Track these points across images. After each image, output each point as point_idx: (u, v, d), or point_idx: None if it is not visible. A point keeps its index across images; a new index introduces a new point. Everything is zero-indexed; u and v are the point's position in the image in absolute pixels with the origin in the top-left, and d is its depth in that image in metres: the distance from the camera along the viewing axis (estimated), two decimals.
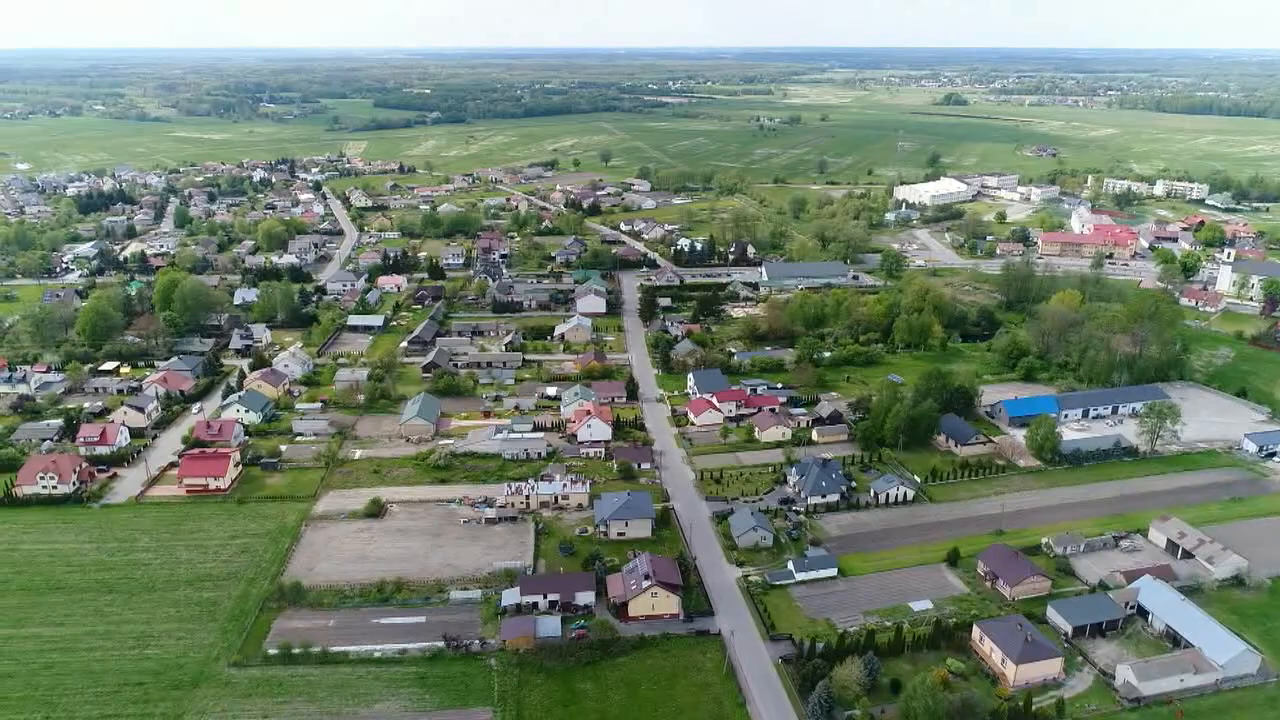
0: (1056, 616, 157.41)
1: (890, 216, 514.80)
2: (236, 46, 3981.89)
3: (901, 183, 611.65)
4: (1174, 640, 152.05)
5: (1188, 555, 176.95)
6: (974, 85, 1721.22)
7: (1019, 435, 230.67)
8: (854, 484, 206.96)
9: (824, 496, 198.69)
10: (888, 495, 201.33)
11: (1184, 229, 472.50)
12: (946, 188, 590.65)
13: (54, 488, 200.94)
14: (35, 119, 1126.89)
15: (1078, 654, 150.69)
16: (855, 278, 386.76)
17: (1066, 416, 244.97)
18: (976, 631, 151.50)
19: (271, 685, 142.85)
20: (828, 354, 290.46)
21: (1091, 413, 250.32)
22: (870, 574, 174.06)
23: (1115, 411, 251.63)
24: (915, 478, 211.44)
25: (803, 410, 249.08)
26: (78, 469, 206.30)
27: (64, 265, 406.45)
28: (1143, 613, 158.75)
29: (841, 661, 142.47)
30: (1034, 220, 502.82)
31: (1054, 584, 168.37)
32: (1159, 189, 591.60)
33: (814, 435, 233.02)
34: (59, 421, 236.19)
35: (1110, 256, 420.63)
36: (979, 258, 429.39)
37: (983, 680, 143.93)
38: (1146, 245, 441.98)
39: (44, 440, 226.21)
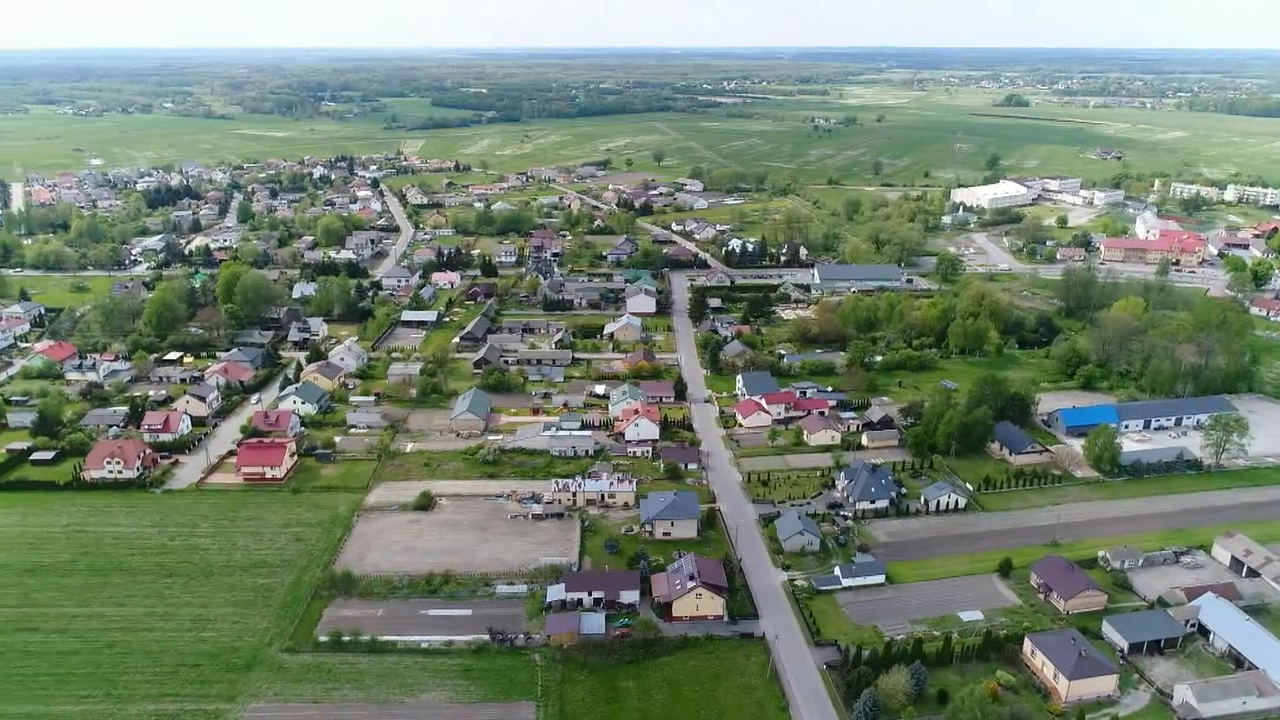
0: (1112, 632, 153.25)
1: (947, 219, 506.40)
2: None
3: (959, 185, 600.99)
4: (1237, 661, 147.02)
5: (1253, 573, 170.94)
6: (1036, 86, 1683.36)
7: (1076, 445, 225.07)
8: (904, 490, 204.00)
9: (873, 502, 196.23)
10: (939, 503, 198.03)
11: (1256, 236, 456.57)
12: (1005, 191, 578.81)
13: (119, 472, 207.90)
14: (108, 116, 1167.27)
15: (1134, 672, 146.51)
16: (909, 281, 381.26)
17: (1127, 427, 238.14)
18: (1028, 644, 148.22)
19: (321, 671, 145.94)
20: (879, 358, 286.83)
21: (1153, 424, 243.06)
22: (919, 582, 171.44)
23: (1179, 423, 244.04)
24: (967, 486, 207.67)
25: (853, 414, 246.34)
26: (142, 455, 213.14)
27: (133, 258, 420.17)
28: (1204, 631, 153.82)
29: (888, 670, 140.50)
30: (1096, 225, 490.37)
31: (1110, 599, 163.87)
32: (1230, 194, 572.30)
33: (864, 440, 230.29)
34: (125, 409, 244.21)
35: (1177, 263, 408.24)
36: (1038, 263, 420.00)
37: (1033, 695, 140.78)
38: (1215, 252, 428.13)
39: (111, 426, 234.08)
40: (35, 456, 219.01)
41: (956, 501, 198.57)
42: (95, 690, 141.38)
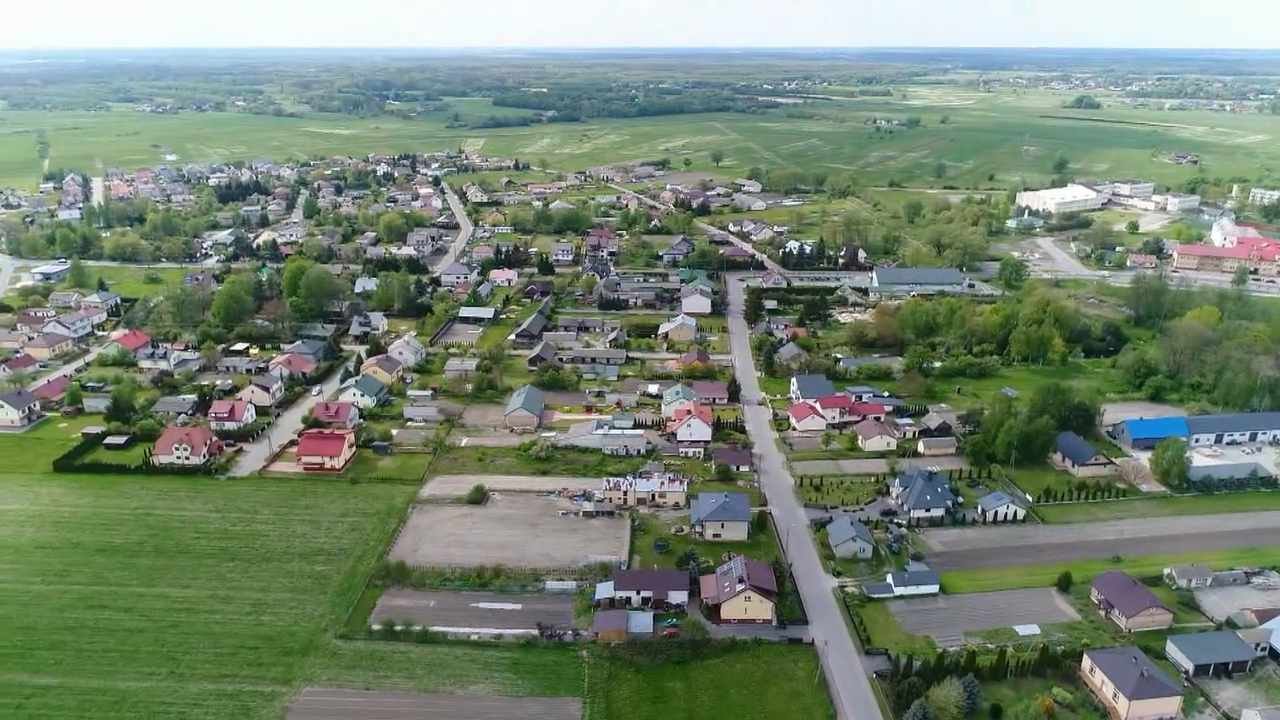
0: (1177, 652, 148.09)
1: (1011, 223, 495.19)
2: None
3: (1025, 188, 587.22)
4: None
5: None
6: (1108, 88, 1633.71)
7: (1143, 458, 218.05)
8: (960, 499, 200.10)
9: (928, 510, 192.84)
10: (996, 513, 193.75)
11: None
12: (1074, 195, 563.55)
13: (186, 458, 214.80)
14: (184, 114, 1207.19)
15: (1199, 694, 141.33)
16: (971, 286, 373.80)
17: (1197, 441, 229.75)
18: (1087, 661, 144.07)
19: (374, 659, 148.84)
20: (938, 364, 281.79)
21: (1226, 438, 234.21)
22: (974, 593, 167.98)
23: (1253, 438, 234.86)
24: (1027, 496, 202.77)
25: (909, 421, 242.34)
26: (208, 442, 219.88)
27: (203, 251, 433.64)
28: (1275, 656, 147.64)
29: (939, 681, 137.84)
30: (1169, 231, 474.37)
31: (1175, 618, 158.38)
32: None
33: (920, 447, 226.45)
34: (193, 397, 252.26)
35: (1255, 272, 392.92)
36: (1107, 269, 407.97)
37: (1091, 713, 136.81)
38: None
39: (179, 414, 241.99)
40: (109, 441, 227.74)
41: (1015, 512, 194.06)
42: (159, 668, 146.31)
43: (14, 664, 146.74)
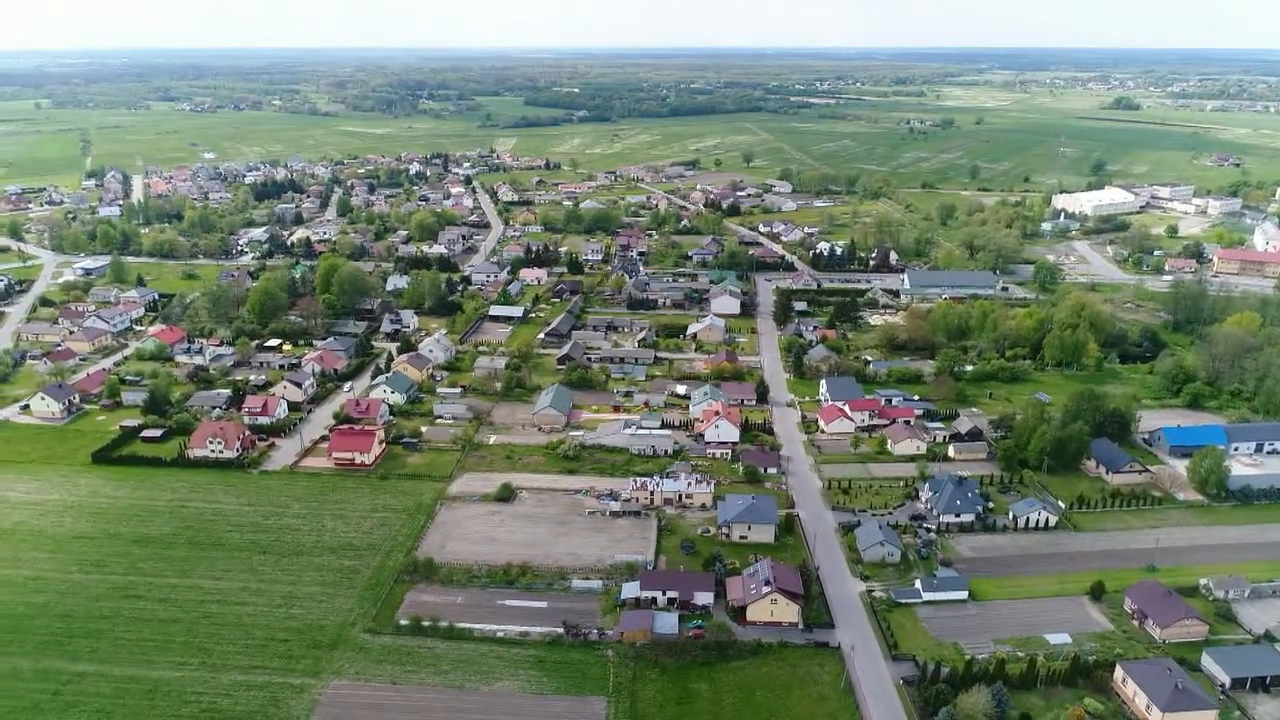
0: (1213, 665, 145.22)
1: (1046, 226, 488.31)
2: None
3: (1061, 191, 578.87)
4: None
5: None
6: (1148, 88, 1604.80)
7: (1180, 466, 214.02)
8: (991, 505, 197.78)
9: (958, 515, 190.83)
10: (1027, 519, 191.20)
11: None
12: (1111, 197, 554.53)
13: (220, 452, 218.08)
14: (222, 112, 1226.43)
15: (1235, 708, 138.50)
16: (1004, 289, 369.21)
17: (1236, 449, 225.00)
18: (1119, 672, 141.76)
19: (401, 654, 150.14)
20: (970, 368, 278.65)
21: (1266, 447, 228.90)
22: (1004, 600, 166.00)
23: None
24: (1059, 503, 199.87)
25: (940, 425, 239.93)
26: (241, 436, 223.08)
27: (239, 248, 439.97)
28: None
29: (968, 689, 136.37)
30: (1210, 235, 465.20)
31: (1211, 629, 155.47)
32: None
33: (950, 451, 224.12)
34: (228, 392, 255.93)
35: None
36: (1144, 273, 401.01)
37: None
38: None
39: (214, 408, 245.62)
40: (145, 434, 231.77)
41: (1047, 519, 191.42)
42: (192, 658, 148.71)
43: (52, 651, 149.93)
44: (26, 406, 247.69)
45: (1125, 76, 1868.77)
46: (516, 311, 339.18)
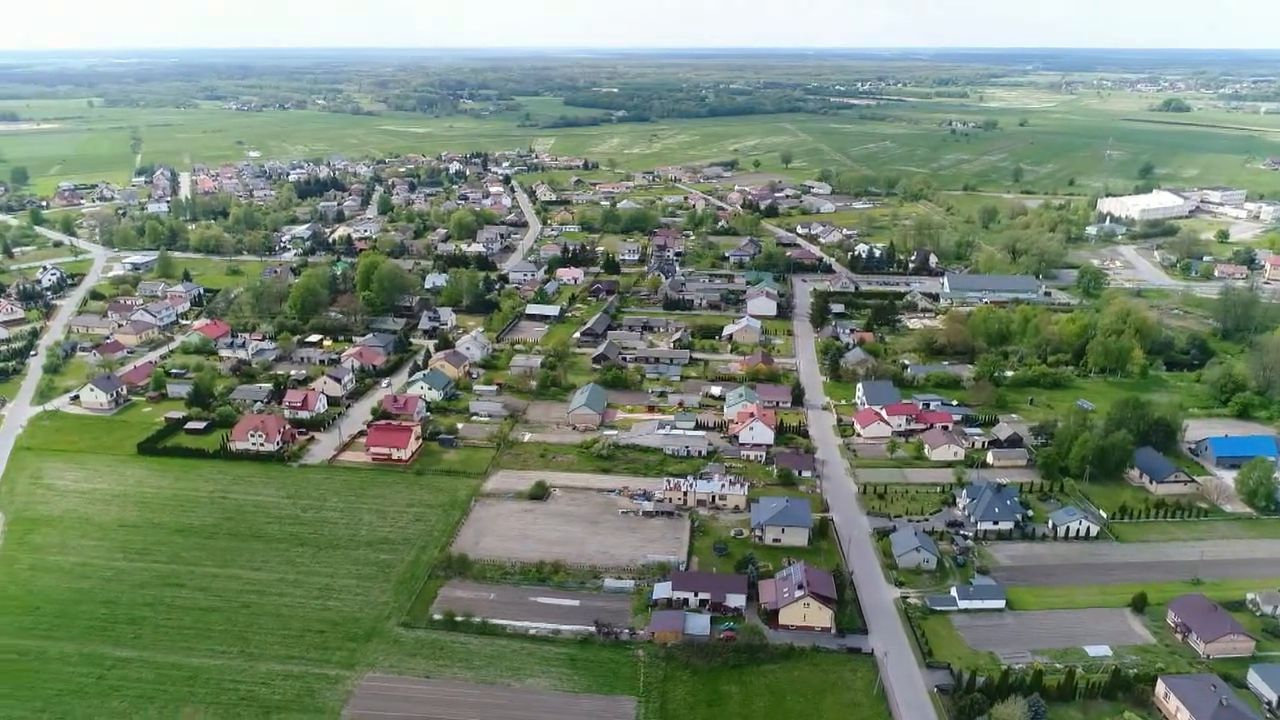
0: (1260, 682, 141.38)
1: (1092, 230, 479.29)
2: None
3: (1107, 194, 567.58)
4: None
5: None
6: (1200, 90, 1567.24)
7: (1227, 477, 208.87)
8: (1030, 513, 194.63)
9: (996, 523, 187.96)
10: (1068, 529, 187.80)
11: None
12: (1159, 201, 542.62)
13: (261, 445, 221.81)
14: (267, 111, 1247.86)
15: None
16: (1047, 294, 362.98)
17: None
18: (1161, 687, 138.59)
19: (434, 648, 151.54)
20: (1010, 373, 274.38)
21: None
22: (1042, 610, 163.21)
23: None
24: (1101, 513, 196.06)
25: (978, 431, 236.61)
26: (282, 430, 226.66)
27: (282, 244, 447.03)
28: None
29: (1003, 699, 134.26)
30: (1263, 241, 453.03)
31: (1258, 645, 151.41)
32: None
33: (989, 458, 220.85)
34: (269, 386, 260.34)
35: None
36: (1192, 279, 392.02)
37: None
38: None
39: (255, 401, 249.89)
40: (189, 425, 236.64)
41: (1088, 529, 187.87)
42: (230, 646, 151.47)
43: (97, 636, 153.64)
44: (76, 397, 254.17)
45: (1175, 78, 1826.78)
46: (553, 310, 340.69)
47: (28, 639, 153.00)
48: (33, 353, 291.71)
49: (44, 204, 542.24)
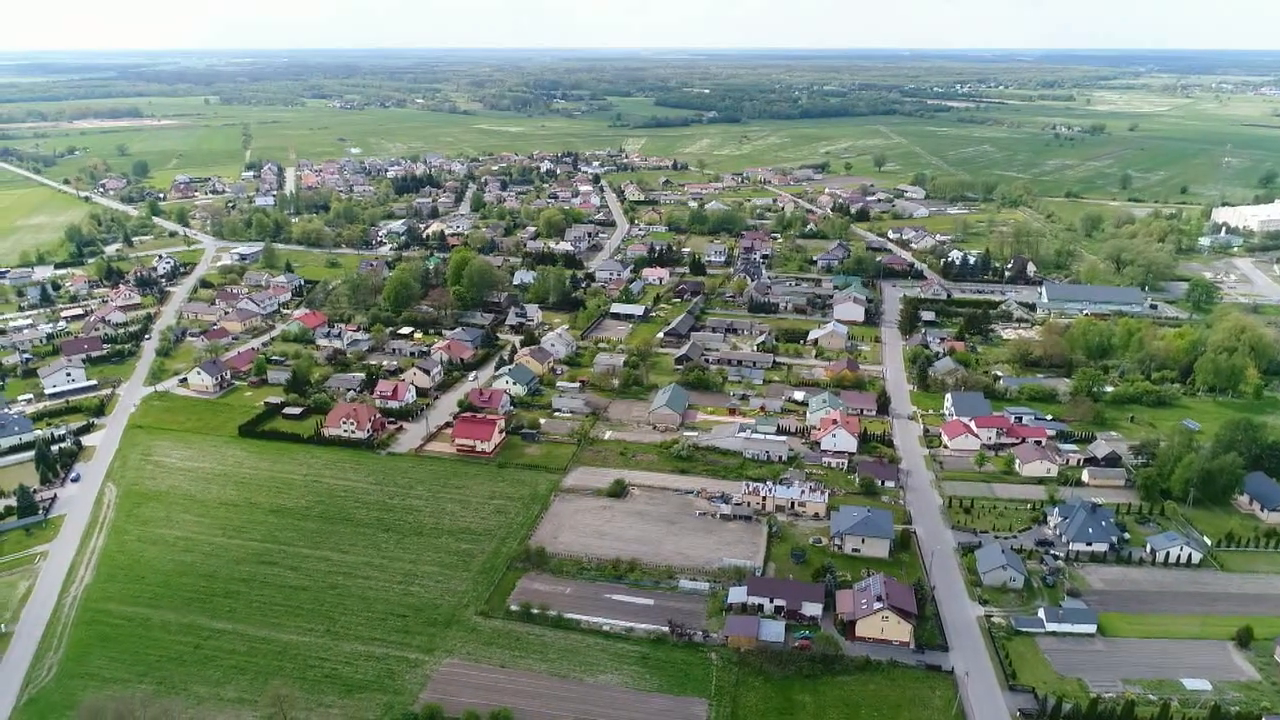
0: None
1: (1205, 241, 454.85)
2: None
3: (1223, 204, 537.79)
4: None
5: None
6: None
7: None
8: (1127, 536, 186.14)
9: (1089, 544, 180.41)
10: (1168, 554, 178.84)
11: None
12: None
13: (353, 432, 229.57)
14: (369, 110, 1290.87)
15: None
16: (1153, 306, 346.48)
17: None
18: None
19: (510, 639, 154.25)
20: (1110, 389, 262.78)
21: None
22: (1136, 639, 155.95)
23: None
24: (1204, 539, 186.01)
25: (1074, 448, 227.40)
26: (373, 419, 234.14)
27: (378, 239, 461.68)
28: None
29: None
30: None
31: None
32: None
33: (1084, 476, 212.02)
34: (362, 375, 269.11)
35: None
36: None
37: None
38: None
39: (349, 390, 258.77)
40: (286, 411, 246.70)
41: (1190, 555, 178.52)
42: (318, 625, 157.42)
43: (196, 608, 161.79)
44: (184, 380, 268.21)
45: None
46: (637, 310, 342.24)
47: (134, 606, 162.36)
48: (147, 336, 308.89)
49: (161, 196, 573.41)
